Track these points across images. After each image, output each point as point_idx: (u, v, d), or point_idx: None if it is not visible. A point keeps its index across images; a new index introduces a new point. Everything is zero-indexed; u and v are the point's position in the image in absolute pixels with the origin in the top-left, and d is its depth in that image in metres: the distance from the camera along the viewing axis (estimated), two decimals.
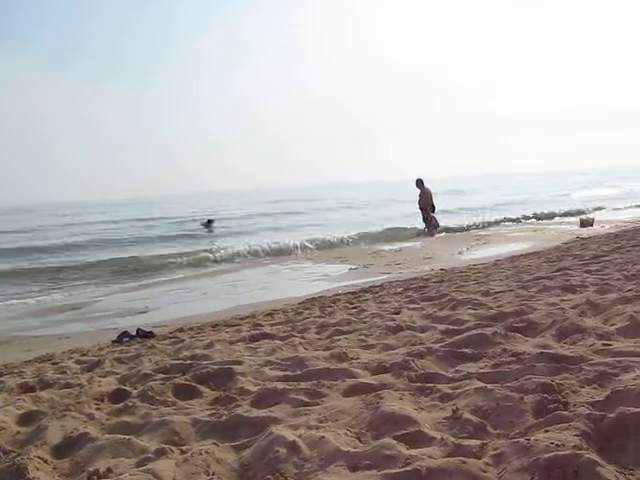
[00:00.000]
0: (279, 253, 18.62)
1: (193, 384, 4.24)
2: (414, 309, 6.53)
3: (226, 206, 59.77)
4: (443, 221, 23.65)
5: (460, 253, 15.48)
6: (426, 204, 21.95)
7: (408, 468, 2.44)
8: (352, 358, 4.50)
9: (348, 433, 2.98)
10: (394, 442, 2.72)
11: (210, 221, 31.34)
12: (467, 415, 2.97)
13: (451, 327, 5.12)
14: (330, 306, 8.08)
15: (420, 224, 22.35)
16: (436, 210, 22.47)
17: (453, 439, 2.73)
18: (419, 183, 21.97)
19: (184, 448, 3.08)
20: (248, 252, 18.44)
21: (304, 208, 47.75)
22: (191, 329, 7.76)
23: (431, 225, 21.88)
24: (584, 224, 19.83)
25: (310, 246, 19.59)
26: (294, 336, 5.73)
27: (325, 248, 19.49)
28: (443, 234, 21.80)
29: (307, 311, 7.87)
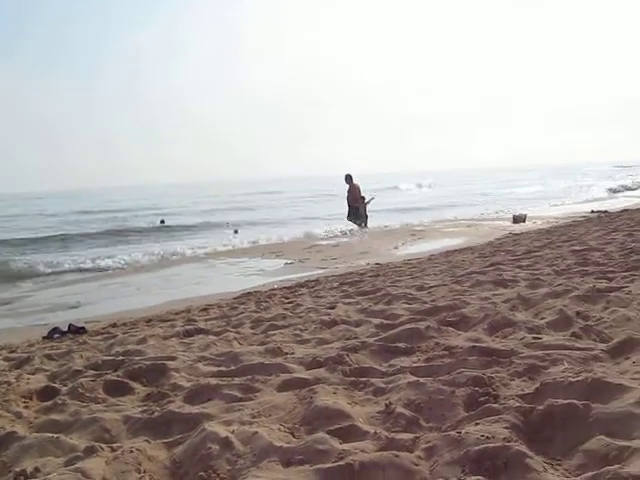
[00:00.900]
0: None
1: (125, 380, 4.16)
2: (349, 303, 6.55)
3: (169, 202, 59.08)
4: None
5: (396, 248, 15.61)
6: (355, 199, 22.15)
7: (341, 462, 2.45)
8: (287, 353, 4.49)
9: (281, 428, 2.97)
10: (327, 437, 2.72)
11: (162, 221, 31.09)
12: (400, 409, 3.00)
13: (385, 321, 5.15)
14: (265, 301, 8.06)
15: (347, 223, 22.45)
16: (366, 200, 22.72)
17: (386, 433, 2.74)
18: (348, 179, 22.20)
19: (115, 446, 3.02)
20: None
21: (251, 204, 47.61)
22: (124, 324, 7.63)
23: (360, 219, 22.04)
24: (517, 220, 20.18)
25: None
26: (229, 331, 5.68)
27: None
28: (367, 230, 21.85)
29: (242, 306, 7.82)
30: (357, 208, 22.30)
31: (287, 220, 30.15)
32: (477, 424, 2.67)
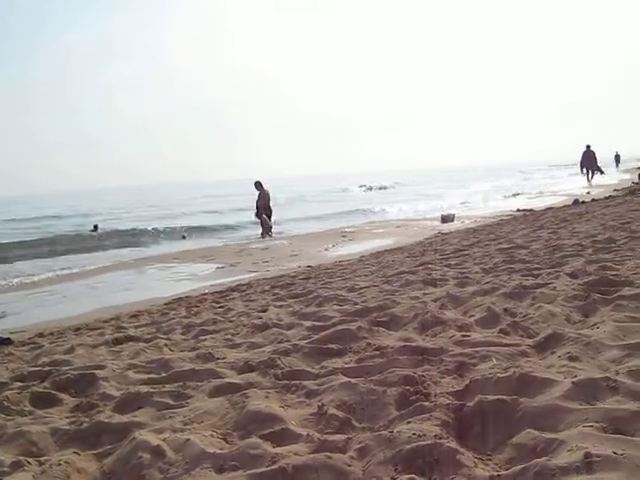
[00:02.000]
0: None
1: (52, 391, 4.05)
2: (281, 306, 6.54)
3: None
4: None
5: (326, 250, 15.64)
6: (264, 206, 22.21)
7: (274, 467, 2.44)
8: (218, 358, 4.45)
9: (214, 434, 2.94)
10: (260, 441, 2.70)
11: (96, 226, 30.45)
12: (333, 410, 3.00)
13: (317, 323, 5.16)
14: (196, 306, 7.96)
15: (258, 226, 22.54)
16: (273, 213, 22.83)
17: (319, 435, 2.75)
18: (258, 185, 22.25)
19: (42, 459, 2.93)
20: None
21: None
22: (51, 334, 7.42)
23: (265, 227, 22.07)
24: (445, 220, 20.45)
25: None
26: (159, 338, 5.59)
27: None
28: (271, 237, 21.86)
29: (173, 312, 7.72)
30: (268, 215, 22.42)
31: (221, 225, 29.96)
32: (409, 423, 2.70)
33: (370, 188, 63.53)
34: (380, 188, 63.00)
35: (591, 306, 4.50)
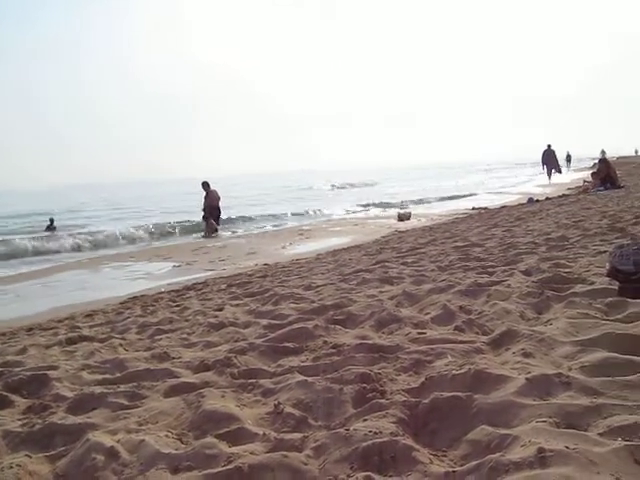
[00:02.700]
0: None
1: (3, 393, 3.95)
2: (237, 305, 6.52)
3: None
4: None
5: (284, 248, 15.64)
6: (213, 206, 22.14)
7: (230, 466, 2.42)
8: (174, 357, 4.41)
9: (169, 435, 2.90)
10: (216, 441, 2.68)
11: (51, 221, 29.84)
12: (289, 409, 2.99)
13: (274, 322, 5.14)
14: (152, 305, 7.90)
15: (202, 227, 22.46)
16: (221, 214, 22.80)
17: (275, 434, 2.73)
18: (205, 185, 22.18)
19: None
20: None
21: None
22: (3, 334, 7.28)
23: (210, 227, 22.00)
24: (402, 218, 20.59)
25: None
26: (114, 337, 5.53)
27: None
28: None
29: (128, 311, 7.64)
30: (218, 216, 22.36)
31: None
32: (365, 420, 2.70)
33: (333, 186, 63.42)
34: (350, 186, 62.77)
35: (545, 303, 4.56)
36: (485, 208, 20.84)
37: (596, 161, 30.59)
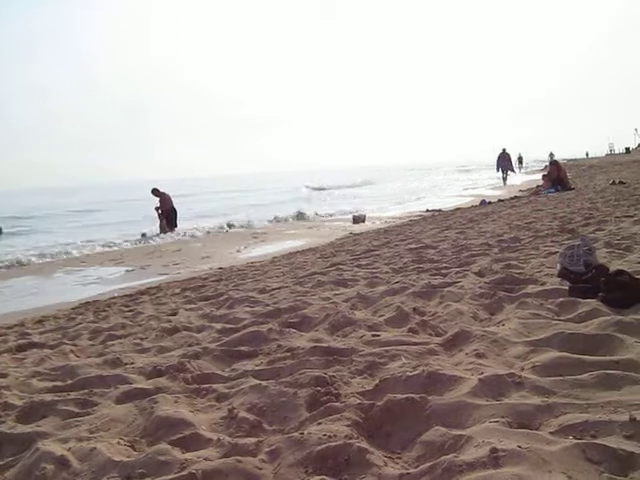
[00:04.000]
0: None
1: None
2: (191, 309, 6.46)
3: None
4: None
5: (238, 251, 15.54)
6: (169, 209, 22.06)
7: (183, 473, 2.39)
8: (126, 363, 4.35)
9: (121, 442, 2.86)
10: (169, 447, 2.64)
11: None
12: (243, 413, 2.97)
13: (228, 326, 5.12)
14: (104, 310, 7.78)
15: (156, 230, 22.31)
16: (178, 215, 22.75)
17: (229, 439, 2.71)
18: (156, 192, 22.10)
19: None
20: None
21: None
22: None
23: (165, 229, 21.92)
24: (356, 220, 20.61)
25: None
26: (65, 344, 5.43)
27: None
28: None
29: (80, 316, 7.51)
30: (174, 217, 22.28)
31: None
32: (319, 424, 2.69)
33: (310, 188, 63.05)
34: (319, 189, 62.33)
35: (497, 304, 4.61)
36: (439, 210, 20.99)
37: (547, 163, 31.26)
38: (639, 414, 2.26)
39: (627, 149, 72.51)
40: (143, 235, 21.26)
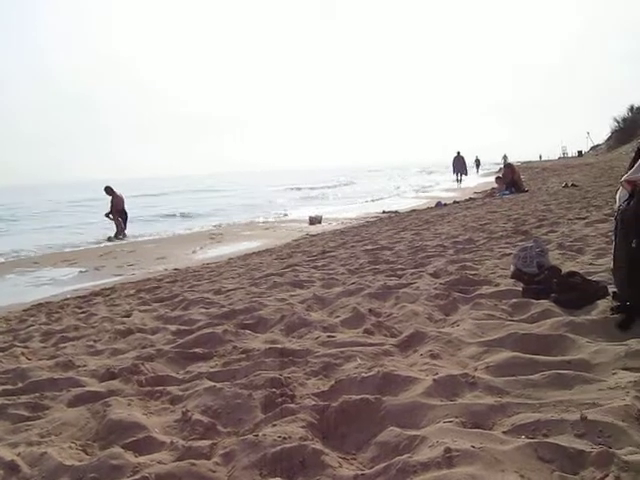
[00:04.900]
0: None
1: None
2: (146, 311, 6.39)
3: None
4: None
5: (194, 252, 15.45)
6: (120, 210, 21.86)
7: (136, 477, 2.36)
8: (79, 366, 4.28)
9: (73, 446, 2.81)
10: (122, 451, 2.61)
11: None
12: (197, 416, 2.94)
13: (182, 327, 5.07)
14: (57, 312, 7.65)
15: (112, 230, 22.10)
16: (128, 216, 22.54)
17: (183, 442, 2.68)
18: (109, 190, 21.87)
19: None
20: None
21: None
22: None
23: (121, 229, 21.74)
24: (313, 222, 20.64)
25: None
26: (16, 346, 5.32)
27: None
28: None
29: (32, 318, 7.38)
30: (124, 219, 22.07)
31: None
32: (274, 425, 2.68)
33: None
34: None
35: (452, 305, 4.65)
36: (395, 212, 21.11)
37: (502, 165, 31.89)
38: (590, 413, 2.30)
39: (579, 152, 73.70)
40: (109, 239, 21.04)
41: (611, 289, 3.95)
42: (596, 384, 2.69)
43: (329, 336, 4.15)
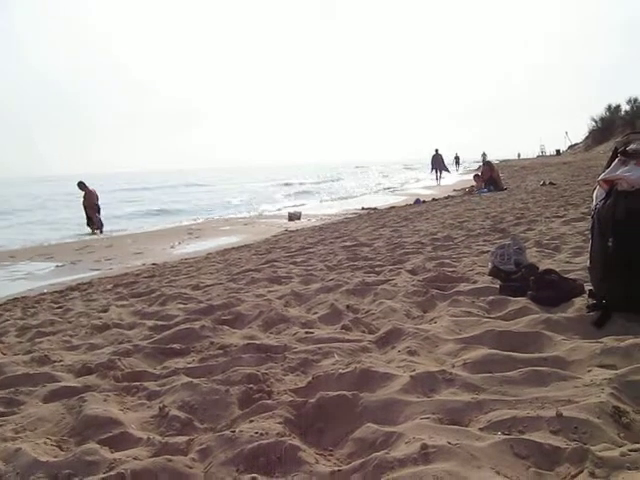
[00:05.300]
0: None
1: None
2: (123, 306, 6.35)
3: None
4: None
5: (172, 247, 15.39)
6: (92, 205, 21.75)
7: (112, 473, 2.34)
8: (55, 361, 4.25)
9: (48, 442, 2.78)
10: (97, 447, 2.59)
11: None
12: (174, 412, 2.93)
13: (160, 323, 5.05)
14: (33, 307, 7.59)
15: (84, 227, 21.99)
16: (102, 212, 22.44)
17: (160, 438, 2.67)
18: (82, 185, 21.77)
19: None
20: None
21: None
22: None
23: (96, 225, 21.67)
24: (292, 218, 20.65)
25: None
26: None
27: None
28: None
29: (7, 313, 7.31)
30: (96, 214, 21.97)
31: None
32: (251, 422, 2.67)
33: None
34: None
35: (430, 301, 4.66)
36: (374, 208, 21.16)
37: (481, 163, 32.18)
38: (565, 410, 2.31)
39: (557, 151, 74.37)
40: (87, 234, 20.93)
41: (587, 287, 3.99)
42: (572, 381, 2.71)
43: (307, 332, 4.15)
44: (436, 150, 39.08)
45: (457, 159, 64.62)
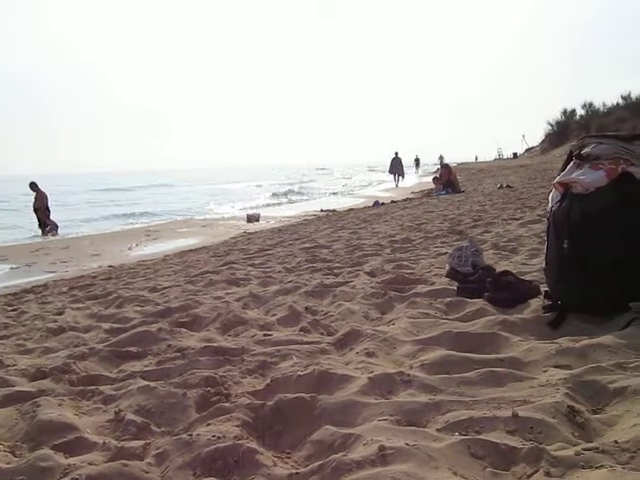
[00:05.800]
0: None
1: None
2: (79, 309, 6.26)
3: None
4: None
5: (130, 249, 15.24)
6: (42, 206, 21.47)
7: (66, 478, 2.30)
8: (8, 365, 4.16)
9: (0, 448, 2.73)
10: (52, 452, 2.54)
11: None
12: (130, 416, 2.89)
13: (116, 325, 4.99)
14: None
15: (37, 229, 21.71)
16: (51, 215, 22.14)
17: (116, 442, 2.63)
18: (33, 186, 21.47)
19: None
20: None
21: None
22: None
23: (49, 227, 21.39)
24: (251, 219, 20.59)
25: None
26: None
27: None
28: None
29: None
30: (47, 216, 21.67)
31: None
32: (209, 425, 2.66)
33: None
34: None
35: (388, 303, 4.69)
36: (333, 210, 21.21)
37: (439, 166, 32.53)
38: (521, 410, 2.34)
39: (515, 154, 75.29)
40: (41, 235, 20.63)
41: (543, 288, 4.04)
42: (528, 381, 2.74)
43: (265, 334, 4.14)
44: (396, 153, 39.57)
45: (417, 161, 65.26)
